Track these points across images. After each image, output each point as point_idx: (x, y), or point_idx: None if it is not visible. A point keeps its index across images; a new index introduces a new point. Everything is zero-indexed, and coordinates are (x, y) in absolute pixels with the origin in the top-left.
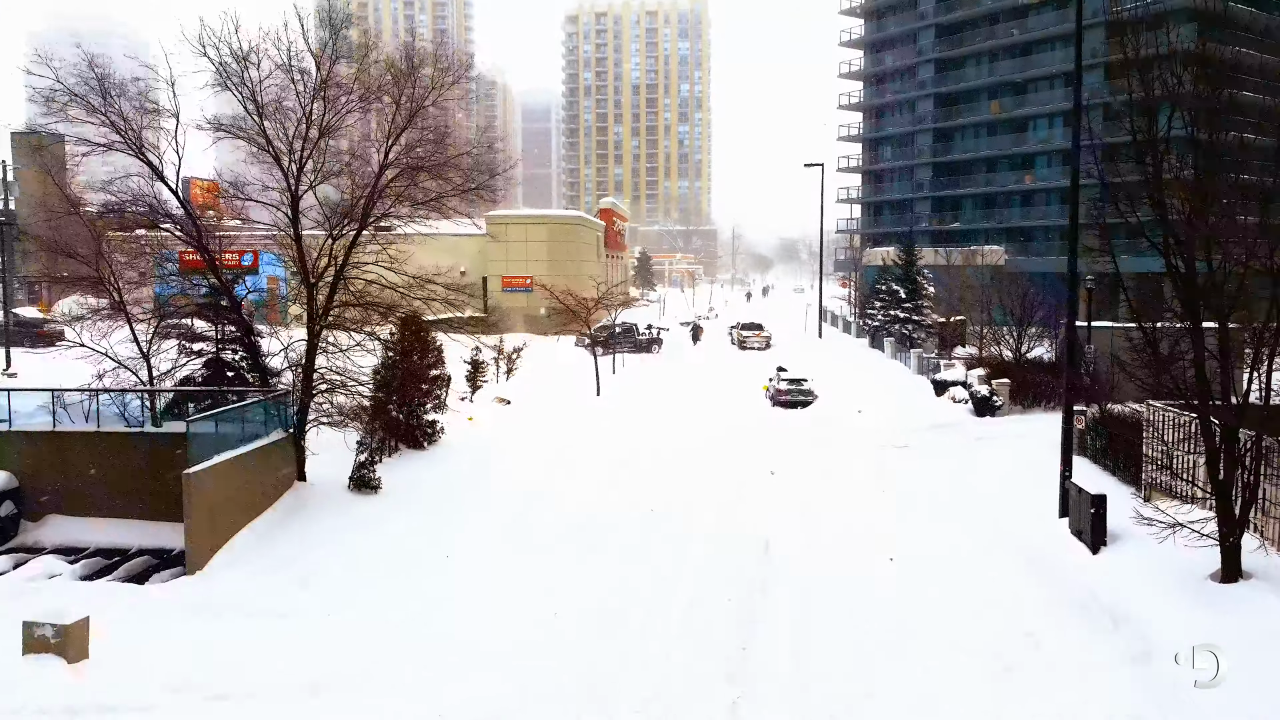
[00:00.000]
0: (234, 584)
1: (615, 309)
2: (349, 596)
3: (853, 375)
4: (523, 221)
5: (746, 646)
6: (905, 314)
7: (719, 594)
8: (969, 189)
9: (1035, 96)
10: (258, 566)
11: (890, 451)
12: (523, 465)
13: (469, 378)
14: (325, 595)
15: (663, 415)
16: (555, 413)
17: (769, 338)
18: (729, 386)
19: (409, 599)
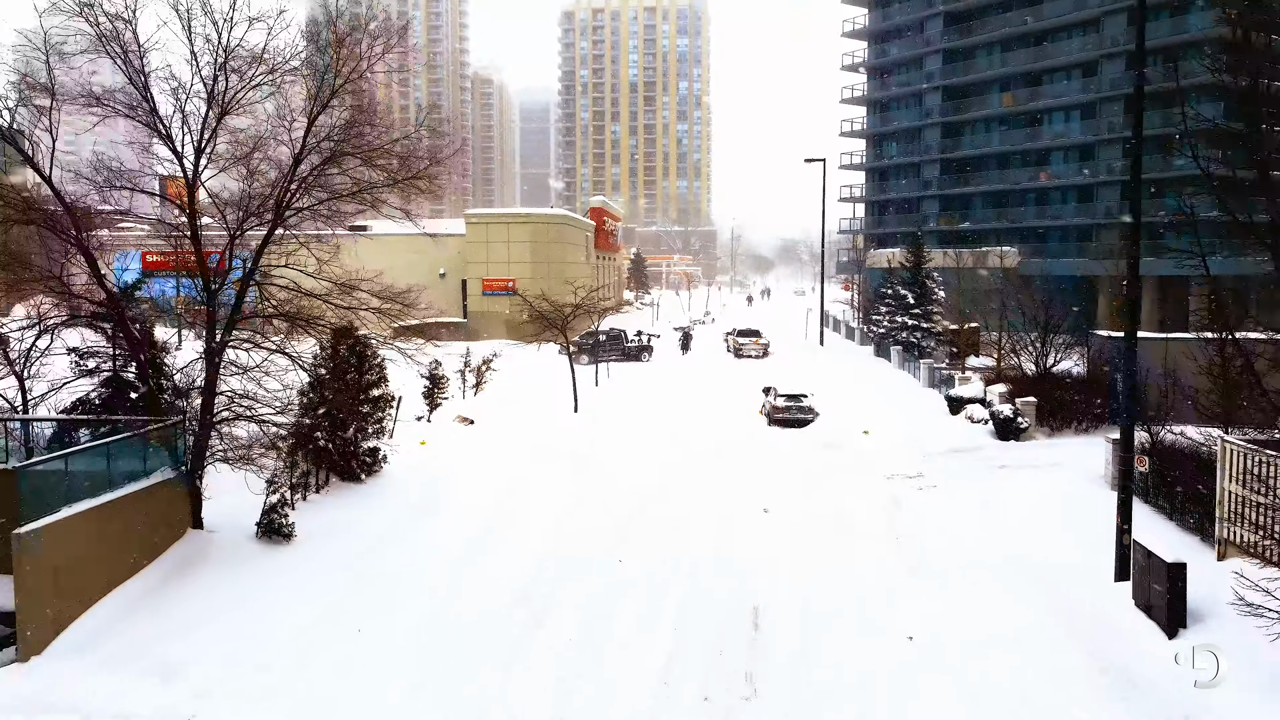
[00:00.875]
0: (77, 675)
1: (599, 314)
2: (220, 695)
3: (857, 389)
4: (504, 220)
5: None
6: (913, 320)
7: (693, 692)
8: (979, 187)
9: (1050, 89)
10: (113, 650)
11: (902, 483)
12: (473, 501)
13: (427, 394)
14: (191, 693)
15: (645, 435)
16: (523, 434)
17: (766, 345)
18: (721, 401)
19: (295, 704)
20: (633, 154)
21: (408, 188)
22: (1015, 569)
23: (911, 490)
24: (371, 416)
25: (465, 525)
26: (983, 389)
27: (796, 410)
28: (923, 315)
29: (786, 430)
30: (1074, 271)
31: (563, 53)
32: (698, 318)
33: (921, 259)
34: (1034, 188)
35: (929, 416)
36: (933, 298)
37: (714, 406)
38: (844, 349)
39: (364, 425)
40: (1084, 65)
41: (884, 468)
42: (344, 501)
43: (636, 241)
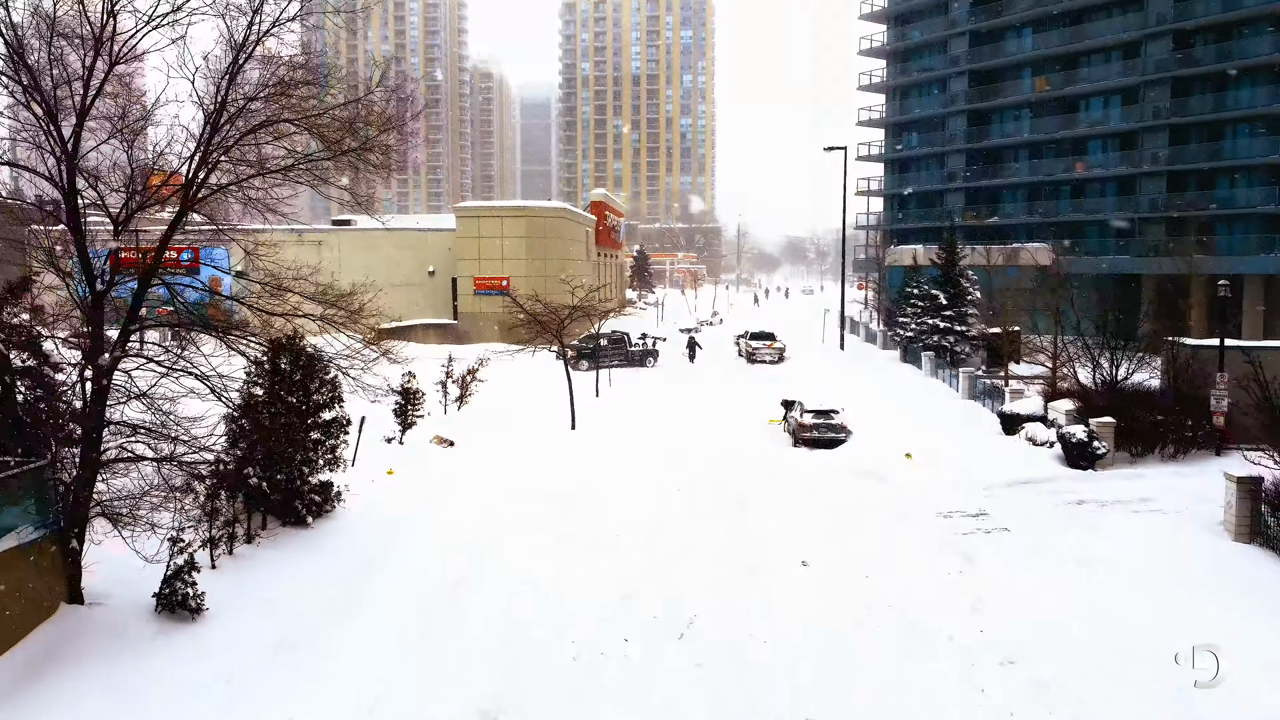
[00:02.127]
0: None
1: (600, 317)
2: None
3: (888, 401)
4: (497, 214)
5: None
6: (946, 323)
7: None
8: (1009, 179)
9: (1088, 72)
10: None
11: (963, 525)
12: (437, 553)
13: (399, 412)
14: None
15: (650, 458)
16: (509, 457)
17: (782, 350)
18: (736, 413)
19: None
20: (635, 149)
21: (357, 161)
22: (1172, 688)
23: (979, 537)
24: (322, 445)
25: (428, 587)
26: (1041, 404)
27: (826, 429)
28: (957, 317)
29: (814, 452)
30: (1116, 270)
31: (563, 45)
32: (705, 319)
33: (955, 256)
34: (1069, 179)
35: (978, 436)
36: (968, 298)
37: (728, 423)
38: (865, 354)
39: (311, 456)
40: (1125, 46)
41: (937, 503)
42: (282, 555)
43: (639, 239)
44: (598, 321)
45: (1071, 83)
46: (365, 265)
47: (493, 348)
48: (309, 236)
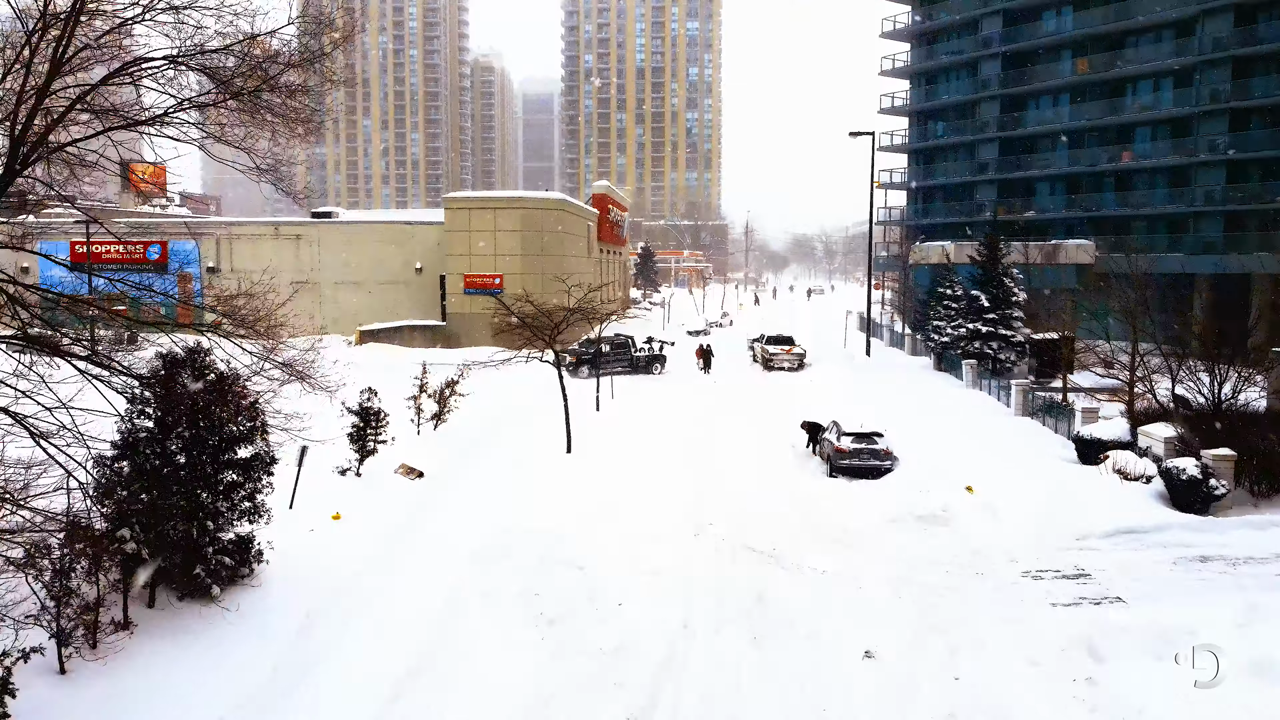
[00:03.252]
0: None
1: (601, 320)
2: None
3: (930, 418)
4: (489, 205)
5: None
6: (989, 328)
7: None
8: (1046, 169)
9: (1135, 52)
10: None
11: (1062, 592)
12: (379, 660)
13: (355, 437)
14: None
15: (657, 493)
16: (489, 493)
17: (802, 356)
18: (756, 432)
19: None
20: (639, 143)
21: (254, 106)
22: None
23: (1087, 612)
24: (238, 489)
25: (366, 699)
26: (1127, 427)
27: (869, 455)
28: (1001, 321)
29: (855, 485)
30: (1165, 269)
31: (566, 36)
32: (714, 320)
33: (998, 253)
34: (1114, 170)
35: (1049, 466)
36: (1013, 300)
37: (747, 444)
38: (893, 361)
39: (219, 506)
40: (1178, 24)
41: (1020, 556)
42: (168, 647)
43: (643, 236)
44: (598, 325)
45: (1117, 64)
46: (347, 261)
47: (484, 352)
48: (286, 230)
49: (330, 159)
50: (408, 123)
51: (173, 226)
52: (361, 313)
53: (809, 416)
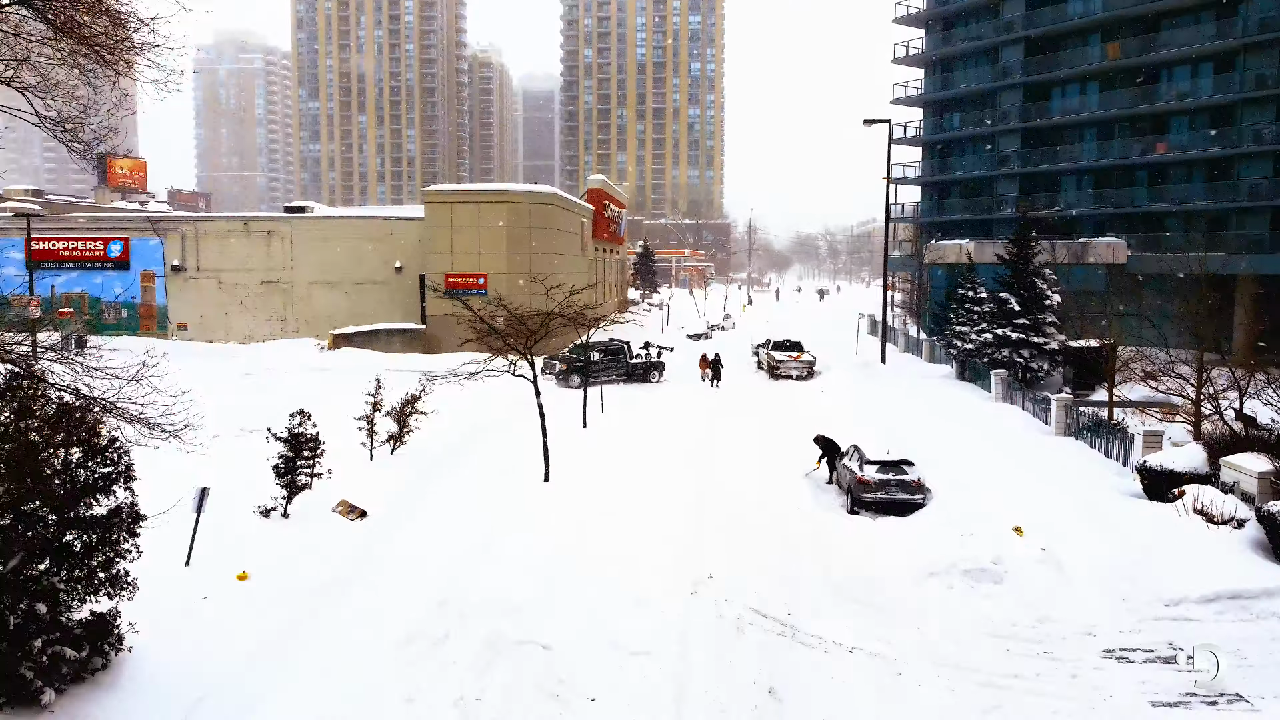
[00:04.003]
0: None
1: (589, 324)
2: None
3: (962, 439)
4: (473, 199)
5: None
6: (1019, 334)
7: None
8: (1071, 162)
9: (1171, 35)
10: None
11: (1160, 684)
12: None
13: (282, 470)
14: None
15: (647, 535)
16: (441, 539)
17: (811, 363)
18: (763, 452)
19: None
20: (640, 140)
21: None
22: None
23: (1201, 715)
24: (96, 552)
25: None
26: (1203, 457)
27: (896, 488)
28: (1033, 327)
29: (881, 522)
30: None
31: (565, 30)
32: (716, 322)
33: (1029, 251)
34: (1147, 163)
35: (1109, 500)
36: (1045, 303)
37: (755, 468)
38: (911, 369)
39: (56, 582)
40: (1218, 4)
41: (1096, 628)
42: None
43: (644, 234)
44: (587, 330)
45: (1151, 49)
46: (323, 260)
47: (466, 358)
48: (256, 226)
49: (325, 156)
50: (404, 119)
51: (135, 222)
52: (337, 315)
53: (823, 432)
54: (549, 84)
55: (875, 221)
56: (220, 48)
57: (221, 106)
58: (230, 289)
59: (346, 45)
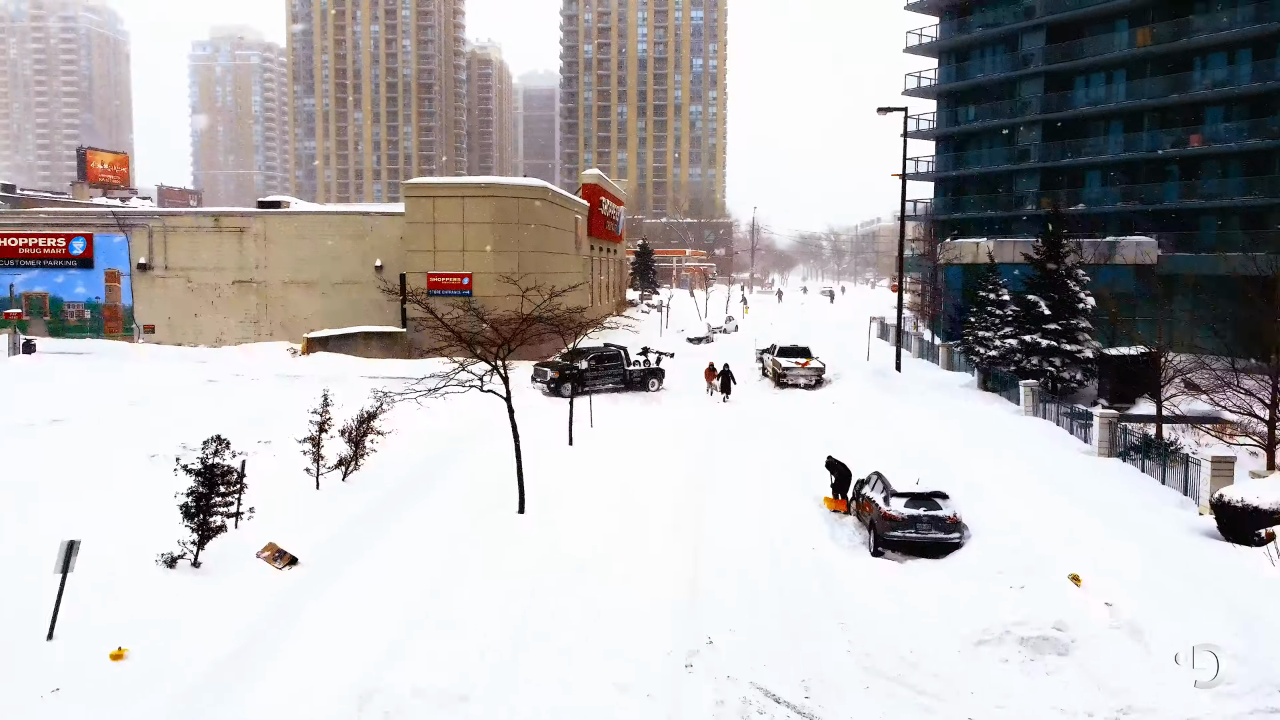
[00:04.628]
0: None
1: (577, 330)
2: None
3: (992, 459)
4: (456, 193)
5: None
6: (1050, 340)
7: None
8: (1097, 156)
9: (1206, 20)
10: None
11: None
12: None
13: (192, 510)
14: None
15: (635, 585)
16: (382, 598)
17: (820, 371)
18: (771, 475)
19: None
20: (640, 137)
21: None
22: None
23: None
24: None
25: None
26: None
27: (928, 524)
28: (1064, 333)
29: (911, 567)
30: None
31: (565, 25)
32: (718, 325)
33: (1060, 251)
34: (1179, 156)
35: (1179, 542)
36: (1078, 307)
37: (759, 496)
38: (928, 378)
39: None
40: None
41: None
42: None
43: (644, 234)
44: (574, 335)
45: (1186, 34)
46: (298, 258)
47: (449, 365)
48: (228, 222)
49: (320, 152)
50: (400, 116)
51: (99, 217)
52: (314, 316)
53: (835, 452)
54: (549, 82)
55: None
56: (216, 43)
57: (218, 103)
58: (200, 289)
59: (343, 40)
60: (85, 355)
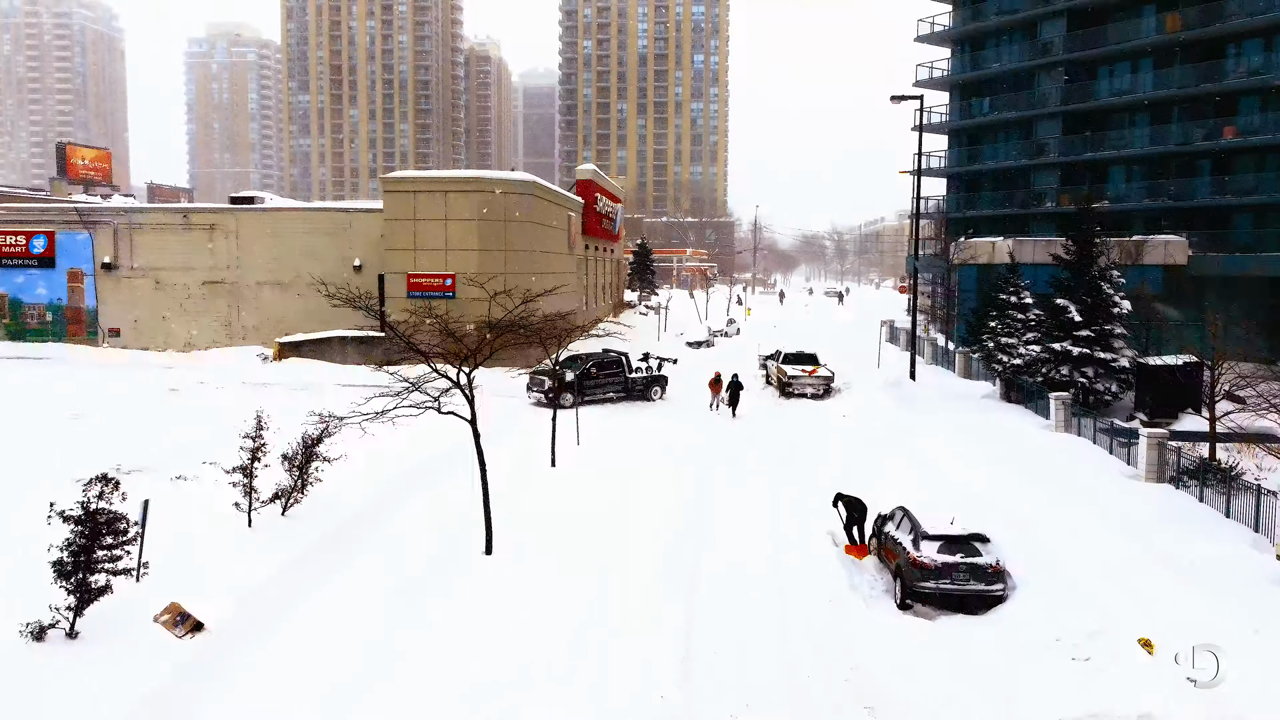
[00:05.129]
0: None
1: (559, 339)
2: None
3: (1033, 491)
4: (439, 187)
5: None
6: (1083, 348)
7: None
8: (1121, 150)
9: (1241, 3)
10: None
11: None
12: None
13: (68, 568)
14: None
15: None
16: (310, 667)
17: (829, 379)
18: (781, 505)
19: None
20: (641, 135)
21: None
22: None
23: None
24: None
25: None
26: None
27: (968, 574)
28: (1098, 340)
29: (948, 627)
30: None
31: (564, 21)
32: (719, 328)
33: (1092, 250)
34: (1210, 150)
35: (1262, 593)
36: (1113, 311)
37: (764, 531)
38: (945, 387)
39: None
40: None
41: None
42: None
43: (644, 233)
44: (557, 346)
45: (1216, 19)
46: (273, 257)
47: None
48: (198, 218)
49: (315, 150)
50: (396, 113)
51: (61, 214)
52: (289, 319)
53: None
54: (550, 80)
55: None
56: (213, 40)
57: (214, 100)
58: (169, 290)
59: (338, 36)
60: (41, 361)
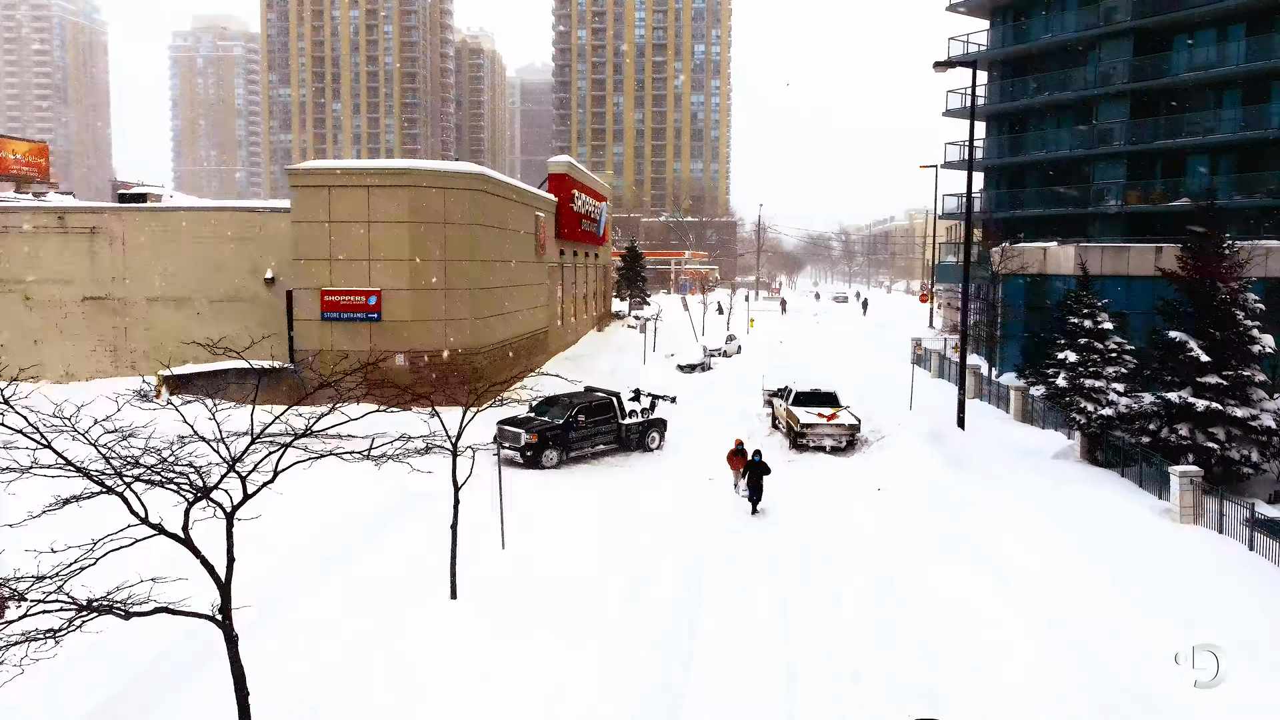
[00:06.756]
0: None
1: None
2: None
3: (1156, 621)
4: (360, 181)
5: None
6: (1209, 401)
7: None
8: (1206, 137)
9: None
10: None
11: None
12: None
13: None
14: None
15: None
16: None
17: (854, 428)
18: (796, 644)
19: None
20: (638, 130)
21: None
22: None
23: None
24: None
25: None
26: None
27: None
28: (1231, 389)
29: None
30: None
31: (557, 9)
32: (717, 346)
33: (1220, 264)
34: None
35: None
36: (1252, 350)
37: None
38: (1004, 439)
39: None
40: None
41: None
42: None
43: (640, 233)
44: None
45: None
46: (168, 267)
47: (354, 410)
48: (77, 220)
49: (296, 146)
50: (381, 107)
51: None
52: (190, 344)
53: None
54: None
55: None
56: (198, 34)
57: (199, 96)
58: (42, 307)
59: (320, 26)
60: None
